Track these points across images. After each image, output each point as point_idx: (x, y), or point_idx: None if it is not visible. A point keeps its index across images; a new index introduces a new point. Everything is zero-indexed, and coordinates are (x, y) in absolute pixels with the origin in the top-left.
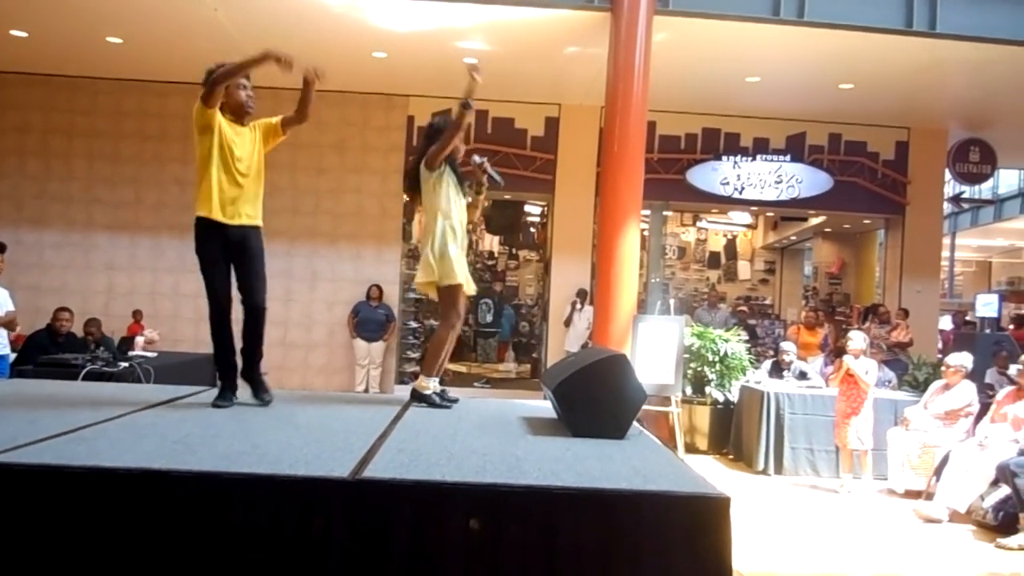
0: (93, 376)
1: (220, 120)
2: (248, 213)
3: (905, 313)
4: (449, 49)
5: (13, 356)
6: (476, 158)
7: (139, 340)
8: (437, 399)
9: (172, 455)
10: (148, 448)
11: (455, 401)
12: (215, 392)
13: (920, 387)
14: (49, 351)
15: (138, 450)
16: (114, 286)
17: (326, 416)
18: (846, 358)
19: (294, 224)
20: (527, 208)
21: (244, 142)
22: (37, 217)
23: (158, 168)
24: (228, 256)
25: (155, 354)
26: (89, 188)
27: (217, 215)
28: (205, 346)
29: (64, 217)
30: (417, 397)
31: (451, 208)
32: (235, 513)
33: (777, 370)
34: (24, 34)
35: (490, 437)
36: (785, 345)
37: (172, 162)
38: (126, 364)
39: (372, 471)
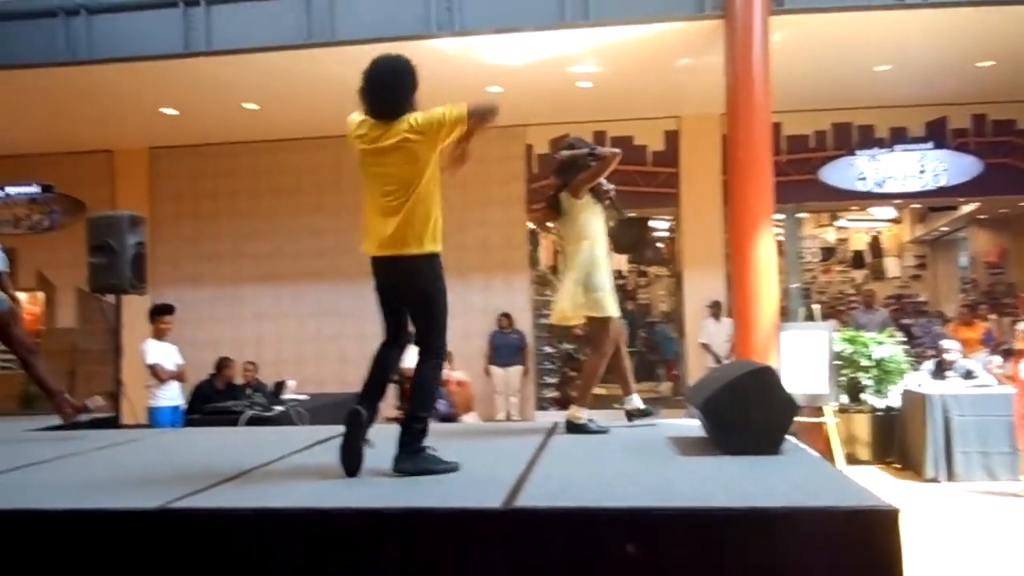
0: (254, 421)
1: None
2: None
3: None
4: (562, 75)
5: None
6: (604, 184)
7: (290, 384)
8: (593, 426)
9: (331, 493)
10: (308, 487)
11: (604, 431)
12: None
13: None
14: (213, 400)
15: (301, 489)
16: (263, 334)
17: (472, 446)
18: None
19: None
20: (653, 224)
21: None
22: (193, 276)
23: (293, 220)
24: None
25: (306, 397)
26: (235, 244)
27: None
28: (351, 386)
29: (216, 273)
30: (571, 428)
31: (596, 234)
32: (394, 548)
33: (940, 370)
34: (174, 111)
35: (638, 460)
36: (947, 343)
37: (305, 213)
38: (281, 408)
39: (524, 500)
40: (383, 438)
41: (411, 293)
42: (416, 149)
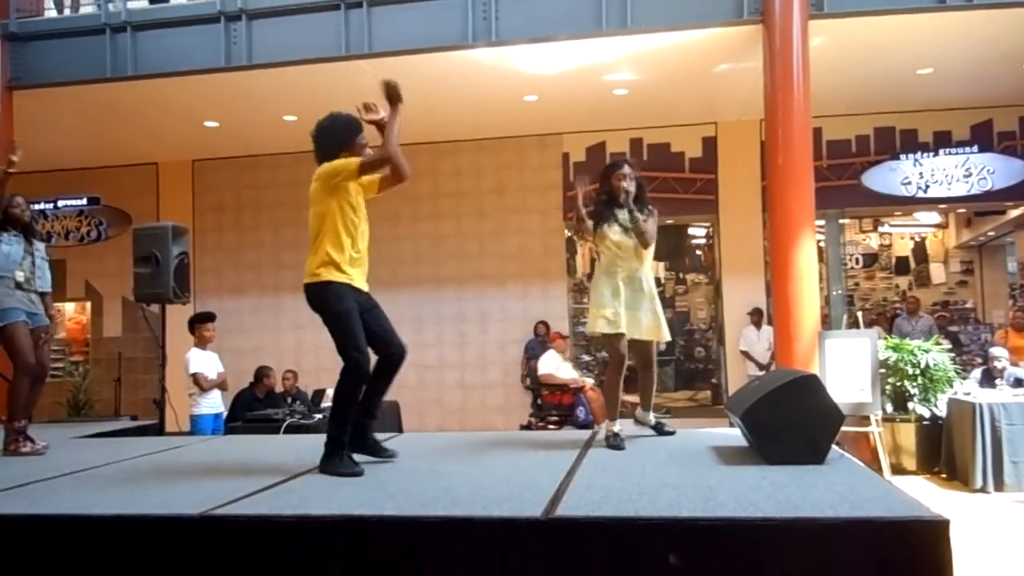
0: (293, 428)
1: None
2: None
3: None
4: (598, 83)
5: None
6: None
7: (329, 392)
8: (612, 441)
9: (371, 501)
10: (348, 495)
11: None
12: (396, 438)
13: None
14: (254, 407)
15: (340, 497)
16: (302, 343)
17: (511, 456)
18: None
19: (462, 268)
20: (691, 231)
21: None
22: (235, 285)
23: None
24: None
25: None
26: (276, 255)
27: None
28: (386, 393)
29: (257, 283)
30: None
31: (601, 256)
32: (435, 556)
33: (988, 379)
34: (216, 124)
35: (680, 469)
36: (995, 351)
37: None
38: (320, 416)
39: (564, 509)
40: (429, 447)
41: (320, 315)
42: (315, 194)
